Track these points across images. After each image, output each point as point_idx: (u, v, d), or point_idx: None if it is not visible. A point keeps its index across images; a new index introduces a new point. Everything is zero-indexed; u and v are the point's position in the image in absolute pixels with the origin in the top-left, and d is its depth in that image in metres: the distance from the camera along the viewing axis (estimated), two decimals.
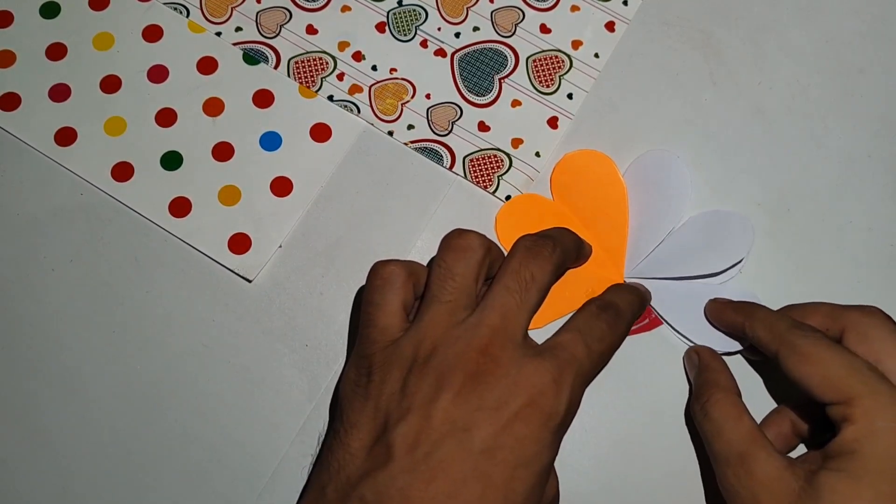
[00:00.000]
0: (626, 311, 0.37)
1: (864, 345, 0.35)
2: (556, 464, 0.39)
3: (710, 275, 0.41)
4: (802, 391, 0.34)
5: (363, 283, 0.41)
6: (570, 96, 0.45)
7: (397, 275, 0.35)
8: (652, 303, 0.41)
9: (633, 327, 0.41)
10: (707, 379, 0.38)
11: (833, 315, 0.36)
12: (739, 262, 0.41)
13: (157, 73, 0.45)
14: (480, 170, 0.43)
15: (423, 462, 0.31)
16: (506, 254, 0.37)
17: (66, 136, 0.44)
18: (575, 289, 0.41)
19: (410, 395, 0.32)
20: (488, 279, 0.36)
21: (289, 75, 0.45)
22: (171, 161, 0.43)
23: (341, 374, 0.36)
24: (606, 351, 0.35)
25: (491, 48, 0.45)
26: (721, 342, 0.40)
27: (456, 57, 0.45)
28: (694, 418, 0.38)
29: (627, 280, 0.42)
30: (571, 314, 0.37)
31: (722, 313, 0.40)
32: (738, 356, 0.41)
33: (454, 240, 0.36)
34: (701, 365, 0.39)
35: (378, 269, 0.36)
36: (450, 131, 0.44)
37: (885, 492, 0.31)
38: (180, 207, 0.43)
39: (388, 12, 0.46)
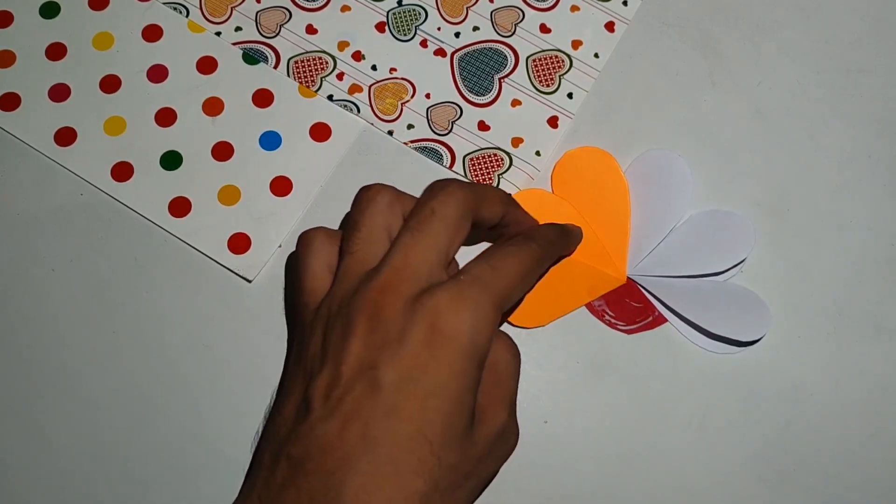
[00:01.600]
0: (535, 235, 0.36)
1: None
2: (557, 460, 0.39)
3: (712, 274, 0.41)
4: None
5: None
6: (570, 96, 0.45)
7: (316, 238, 0.35)
8: (655, 299, 0.41)
9: (637, 325, 0.41)
10: None
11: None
12: (741, 261, 0.41)
13: (157, 73, 0.45)
14: (480, 169, 0.43)
15: (336, 408, 0.30)
16: None
17: (66, 136, 0.44)
18: (576, 286, 0.41)
19: (325, 347, 0.32)
20: None
21: (288, 75, 0.45)
22: (171, 161, 0.43)
23: None
24: (516, 268, 0.34)
25: (491, 48, 0.45)
26: (734, 331, 0.40)
27: (456, 57, 0.45)
28: None
29: (630, 276, 0.42)
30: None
31: None
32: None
33: (359, 194, 0.35)
34: None
35: (300, 237, 0.35)
36: (450, 131, 0.44)
37: None
38: (180, 207, 0.43)
39: (387, 12, 0.46)
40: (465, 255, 0.35)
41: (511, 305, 0.34)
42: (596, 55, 0.45)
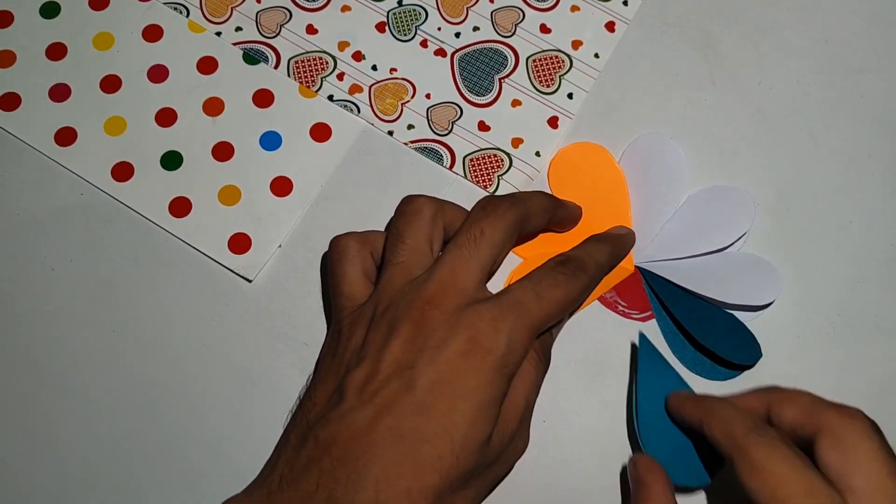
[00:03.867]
0: (588, 262, 0.37)
1: (837, 452, 0.31)
2: (557, 460, 0.39)
3: (717, 250, 0.41)
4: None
5: None
6: (570, 96, 0.45)
7: (350, 246, 0.38)
8: (669, 280, 0.41)
9: (651, 312, 0.41)
10: (642, 495, 0.35)
11: (812, 411, 0.33)
12: (745, 233, 0.41)
13: (157, 73, 0.45)
14: (480, 169, 0.43)
15: (370, 401, 0.33)
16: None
17: (66, 136, 0.44)
18: None
19: (366, 346, 0.34)
20: (448, 240, 0.38)
21: (289, 75, 0.45)
22: (171, 161, 0.43)
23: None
24: (561, 298, 0.35)
25: (491, 48, 0.45)
26: (748, 296, 0.40)
27: (456, 57, 0.45)
28: None
29: (637, 265, 0.42)
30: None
31: (681, 408, 0.36)
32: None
33: (403, 205, 0.38)
34: (637, 478, 0.35)
35: (334, 244, 0.38)
36: (450, 131, 0.44)
37: None
38: (180, 207, 0.43)
39: (388, 12, 0.46)
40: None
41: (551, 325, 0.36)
42: (596, 55, 0.45)
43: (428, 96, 0.45)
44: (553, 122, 0.44)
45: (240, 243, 0.42)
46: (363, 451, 0.32)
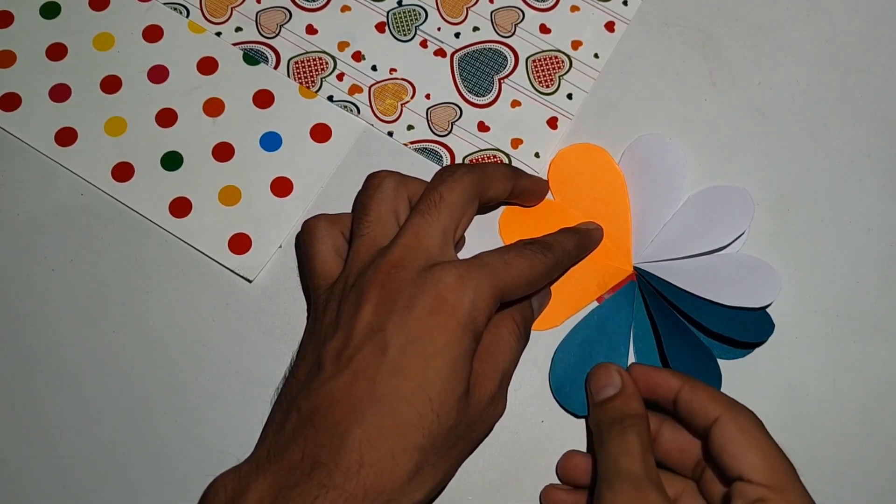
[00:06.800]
0: (555, 245, 0.38)
1: (732, 433, 0.34)
2: (555, 460, 0.39)
3: (716, 249, 0.41)
4: None
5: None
6: (569, 97, 0.45)
7: (319, 226, 0.38)
8: (668, 281, 0.41)
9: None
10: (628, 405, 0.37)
11: (715, 398, 0.35)
12: (742, 233, 0.41)
13: (158, 74, 0.45)
14: None
15: (345, 367, 0.33)
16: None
17: (66, 136, 0.44)
18: (586, 281, 0.42)
19: (339, 317, 0.35)
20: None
21: (289, 75, 0.45)
22: (172, 161, 0.43)
23: None
24: (527, 269, 0.36)
25: (491, 48, 0.45)
26: (746, 298, 0.40)
27: (456, 57, 0.45)
28: (603, 432, 0.36)
29: (636, 266, 0.42)
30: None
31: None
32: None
33: (366, 181, 0.39)
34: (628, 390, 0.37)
35: (304, 225, 0.39)
36: (449, 132, 0.44)
37: None
38: (180, 207, 0.43)
39: (387, 12, 0.46)
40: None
41: (511, 300, 0.37)
42: (596, 55, 0.46)
43: (428, 97, 0.45)
44: (552, 122, 0.44)
45: (240, 243, 0.42)
46: (343, 417, 0.32)
